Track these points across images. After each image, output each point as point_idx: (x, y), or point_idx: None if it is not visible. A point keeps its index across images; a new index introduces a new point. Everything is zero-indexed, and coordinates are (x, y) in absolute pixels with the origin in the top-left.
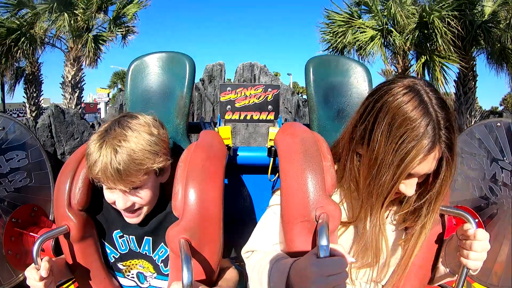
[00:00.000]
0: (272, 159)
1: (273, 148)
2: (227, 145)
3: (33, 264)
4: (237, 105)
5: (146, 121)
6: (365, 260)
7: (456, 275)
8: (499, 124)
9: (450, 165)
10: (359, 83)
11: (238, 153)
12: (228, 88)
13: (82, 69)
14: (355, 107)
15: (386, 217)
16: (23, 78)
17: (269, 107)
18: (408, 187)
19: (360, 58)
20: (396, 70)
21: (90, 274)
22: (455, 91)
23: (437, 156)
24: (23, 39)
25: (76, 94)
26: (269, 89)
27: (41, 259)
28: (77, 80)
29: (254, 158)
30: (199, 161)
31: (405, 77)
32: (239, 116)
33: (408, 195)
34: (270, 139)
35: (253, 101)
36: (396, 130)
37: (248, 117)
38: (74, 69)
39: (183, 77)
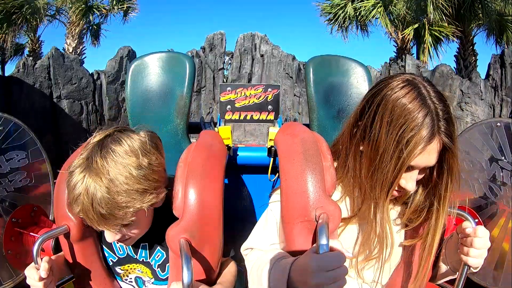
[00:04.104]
0: (272, 159)
1: (273, 148)
2: (227, 145)
3: (33, 264)
4: (237, 105)
5: (133, 148)
6: (369, 252)
7: (457, 273)
8: (499, 124)
9: (452, 157)
10: (359, 83)
11: (238, 153)
12: (228, 88)
13: (83, 42)
14: (355, 107)
15: (390, 213)
16: (23, 56)
17: (269, 107)
18: (409, 182)
19: (361, 30)
20: (396, 45)
21: (90, 274)
22: (455, 66)
23: (437, 148)
24: (26, 6)
25: None
26: (269, 89)
27: (41, 259)
28: (78, 52)
29: (254, 158)
30: (199, 161)
31: (403, 73)
32: (239, 116)
33: (408, 190)
34: (270, 139)
35: (253, 101)
36: (395, 121)
37: (248, 117)
38: (75, 41)
39: (183, 77)
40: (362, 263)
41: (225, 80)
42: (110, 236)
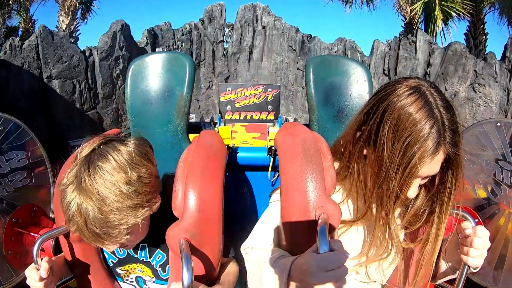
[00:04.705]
0: (272, 159)
1: (273, 148)
2: (227, 145)
3: (33, 264)
4: (237, 105)
5: (121, 163)
6: (373, 254)
7: (457, 272)
8: (499, 124)
9: (457, 166)
10: (359, 83)
11: (238, 153)
12: (228, 88)
13: (77, 18)
14: (355, 107)
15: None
16: (16, 37)
17: (269, 107)
18: (411, 189)
19: (366, 2)
20: (404, 20)
21: (90, 274)
22: (465, 44)
23: (441, 158)
24: None
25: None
26: (269, 89)
27: (41, 259)
28: (72, 29)
29: (254, 158)
30: (199, 161)
31: (410, 78)
32: (239, 116)
33: (409, 197)
34: (270, 139)
35: (253, 101)
36: (401, 132)
37: (248, 117)
38: (68, 18)
39: (183, 77)
40: (365, 264)
41: (225, 53)
42: (109, 247)
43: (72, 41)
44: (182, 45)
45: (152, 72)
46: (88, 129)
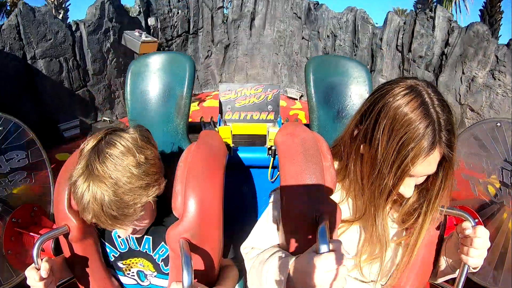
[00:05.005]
0: (272, 159)
1: (272, 148)
2: (227, 145)
3: (33, 264)
4: (237, 105)
5: (128, 147)
6: (370, 253)
7: (456, 271)
8: (499, 124)
9: (449, 166)
10: (359, 83)
11: (238, 154)
12: (228, 88)
13: None
14: (355, 107)
15: (388, 214)
16: (4, 13)
17: (269, 107)
18: (407, 188)
19: None
20: None
21: (90, 274)
22: (480, 20)
23: (437, 158)
24: None
25: (61, 16)
26: (269, 89)
27: (41, 259)
28: (60, 1)
29: (254, 158)
30: (199, 161)
31: (407, 78)
32: (239, 116)
33: (406, 196)
34: (270, 139)
35: (253, 101)
36: (396, 131)
37: (248, 117)
38: None
39: (183, 77)
40: (363, 263)
41: (224, 20)
42: (122, 233)
43: (61, 13)
44: (178, 12)
45: (152, 72)
46: (79, 109)
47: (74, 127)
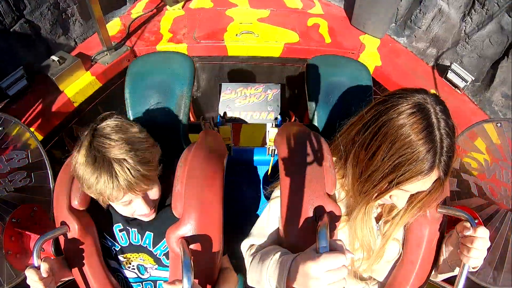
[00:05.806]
0: (272, 158)
1: (273, 148)
2: (227, 145)
3: (33, 264)
4: (237, 104)
5: (122, 125)
6: (358, 253)
7: (455, 270)
8: (499, 124)
9: (440, 184)
10: (359, 83)
11: (238, 154)
12: (229, 88)
13: None
14: (355, 107)
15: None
16: None
17: (269, 107)
18: (400, 200)
19: None
20: None
21: (89, 273)
22: None
23: (433, 178)
24: None
25: None
26: (269, 89)
27: (41, 259)
28: None
29: (254, 158)
30: (199, 161)
31: (416, 92)
32: (239, 116)
33: (398, 207)
34: (270, 139)
35: (253, 101)
36: (396, 149)
37: (248, 117)
38: None
39: (183, 77)
40: (359, 262)
41: None
42: (144, 207)
43: None
44: None
45: (152, 72)
46: (21, 51)
47: (20, 79)
